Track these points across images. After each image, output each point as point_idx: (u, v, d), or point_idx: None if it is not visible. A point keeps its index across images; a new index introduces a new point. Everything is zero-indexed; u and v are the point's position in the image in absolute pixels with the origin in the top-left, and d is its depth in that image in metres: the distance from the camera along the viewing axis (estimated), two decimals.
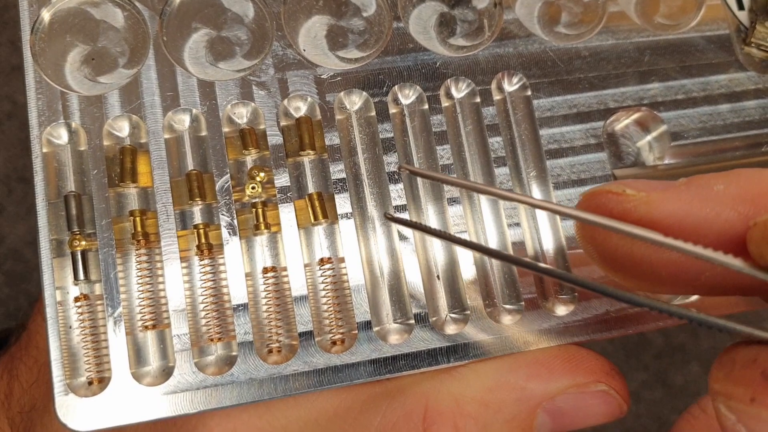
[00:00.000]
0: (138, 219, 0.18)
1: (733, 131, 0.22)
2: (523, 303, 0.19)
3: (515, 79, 0.21)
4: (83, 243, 0.18)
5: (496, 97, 0.21)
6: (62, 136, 0.19)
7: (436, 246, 0.19)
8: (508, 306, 0.19)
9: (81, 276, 0.18)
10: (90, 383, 0.17)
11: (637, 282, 0.15)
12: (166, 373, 0.18)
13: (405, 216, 0.19)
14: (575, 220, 0.14)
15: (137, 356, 0.18)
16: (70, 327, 0.18)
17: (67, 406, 0.17)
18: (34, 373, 0.24)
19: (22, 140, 0.53)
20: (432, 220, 0.20)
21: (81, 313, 0.18)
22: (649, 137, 0.21)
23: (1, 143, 0.53)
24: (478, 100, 0.20)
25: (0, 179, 0.51)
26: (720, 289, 0.14)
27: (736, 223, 0.13)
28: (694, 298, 0.20)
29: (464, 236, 0.19)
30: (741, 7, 0.23)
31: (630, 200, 0.14)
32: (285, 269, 0.19)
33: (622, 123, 0.21)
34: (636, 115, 0.21)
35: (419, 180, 0.20)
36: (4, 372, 0.25)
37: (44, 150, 0.19)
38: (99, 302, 0.18)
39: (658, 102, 0.21)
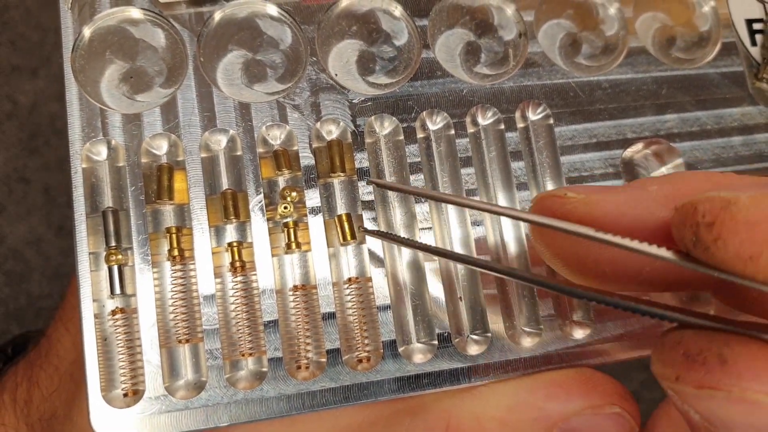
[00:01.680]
0: (174, 235, 0.19)
1: (745, 163, 0.23)
2: (542, 326, 0.20)
3: (539, 109, 0.22)
4: (120, 257, 0.19)
5: (520, 125, 0.22)
6: (101, 152, 0.20)
7: (459, 267, 0.21)
8: (527, 328, 0.21)
9: (117, 290, 0.19)
10: (125, 395, 0.18)
11: (585, 279, 0.16)
12: (199, 386, 0.19)
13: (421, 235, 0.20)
14: (525, 221, 0.16)
15: (171, 370, 0.19)
16: (105, 339, 0.19)
17: (102, 418, 0.18)
18: (55, 381, 0.24)
19: (22, 140, 0.53)
20: (455, 244, 0.21)
21: (116, 326, 0.19)
22: (665, 168, 0.23)
23: (1, 143, 0.53)
24: (502, 127, 0.22)
25: (0, 179, 0.52)
26: (663, 284, 0.16)
27: (669, 220, 0.14)
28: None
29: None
30: (754, 43, 0.25)
31: (571, 202, 0.15)
32: (314, 287, 0.20)
33: (640, 153, 0.22)
34: (653, 147, 0.22)
35: (444, 205, 0.21)
36: (24, 378, 0.25)
37: (83, 165, 0.19)
38: (134, 315, 0.19)
39: (673, 133, 0.22)
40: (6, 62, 0.50)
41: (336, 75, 0.21)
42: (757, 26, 0.25)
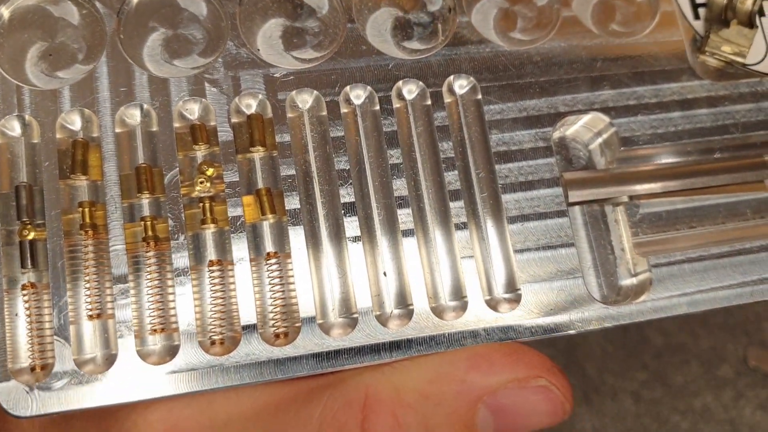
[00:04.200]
0: (86, 210, 0.20)
1: (685, 137, 0.23)
2: (467, 300, 0.21)
3: (466, 82, 0.23)
4: (33, 233, 0.20)
5: (447, 99, 0.23)
6: (15, 128, 0.21)
7: (383, 243, 0.21)
8: (452, 303, 0.21)
9: (28, 264, 0.20)
10: (32, 369, 0.19)
11: None
12: (108, 362, 0.19)
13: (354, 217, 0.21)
14: None
15: (80, 344, 0.20)
16: (16, 315, 0.19)
17: (8, 392, 0.19)
18: None
19: None
20: (383, 221, 0.22)
21: (27, 301, 0.19)
22: (599, 141, 0.23)
23: None
24: (429, 102, 0.22)
25: None
26: None
27: None
28: None
29: (412, 237, 0.21)
30: (697, 17, 0.25)
31: None
32: (231, 263, 0.20)
33: (572, 127, 0.23)
34: (585, 119, 0.23)
35: (369, 180, 0.22)
36: None
37: None
38: (45, 291, 0.20)
39: (609, 107, 0.23)
40: None
41: (259, 50, 0.22)
42: (700, 0, 0.25)
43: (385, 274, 0.21)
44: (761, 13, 0.26)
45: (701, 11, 0.25)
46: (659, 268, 0.22)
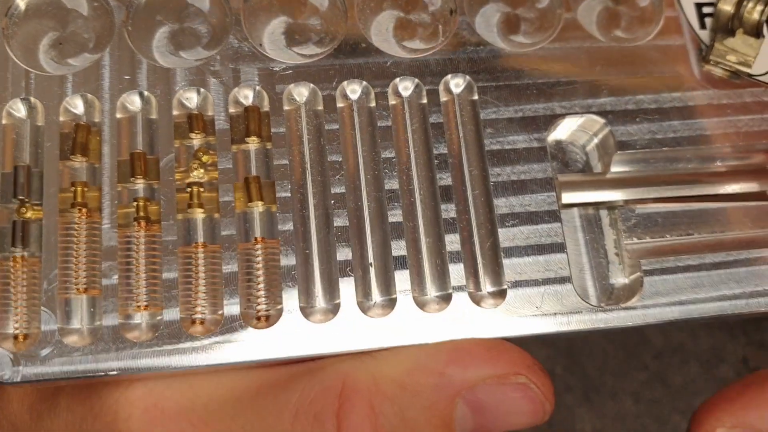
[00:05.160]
0: (80, 189, 0.21)
1: (684, 144, 0.24)
2: (451, 293, 0.21)
3: (462, 81, 0.23)
4: (30, 212, 0.21)
5: (444, 98, 0.23)
6: (21, 110, 0.22)
7: (369, 233, 0.22)
8: (436, 295, 0.21)
9: (19, 243, 0.21)
10: (16, 337, 0.20)
11: None
12: (92, 335, 0.20)
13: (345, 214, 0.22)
14: None
15: (67, 317, 0.20)
16: (7, 284, 0.20)
17: None
18: None
19: None
20: (372, 213, 0.22)
21: (15, 272, 0.20)
22: (594, 144, 0.24)
23: None
24: (425, 100, 0.23)
25: None
26: None
27: None
28: None
29: (400, 230, 0.22)
30: (703, 26, 0.26)
31: None
32: (219, 246, 0.21)
33: (568, 129, 0.24)
34: (580, 121, 0.23)
35: (362, 173, 0.22)
36: None
37: (3, 122, 0.22)
38: (36, 265, 0.21)
39: (607, 110, 0.23)
40: None
41: (260, 45, 0.23)
42: (707, 10, 0.26)
43: (371, 265, 0.22)
44: None
45: (707, 21, 0.26)
46: (652, 274, 0.22)
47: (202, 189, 0.22)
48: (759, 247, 0.23)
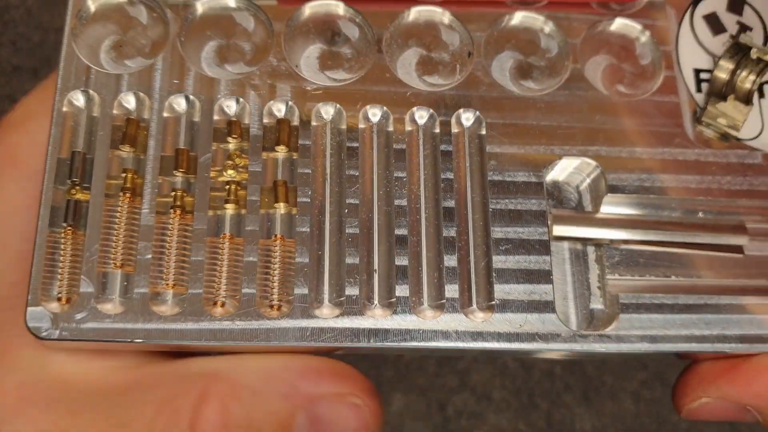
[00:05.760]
0: (130, 176, 0.24)
1: (670, 194, 0.26)
2: (444, 303, 0.24)
3: (473, 116, 0.26)
4: (79, 194, 0.24)
5: (455, 129, 0.26)
6: (81, 100, 0.25)
7: (376, 242, 0.25)
8: (431, 304, 0.24)
9: (70, 219, 0.24)
10: (59, 300, 0.23)
11: None
12: (125, 306, 0.23)
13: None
14: None
15: (102, 287, 0.23)
16: (54, 251, 0.23)
17: (37, 316, 0.22)
18: None
19: None
20: (381, 225, 0.25)
21: (64, 243, 0.23)
22: (587, 185, 0.26)
23: None
24: (438, 129, 0.26)
25: None
26: None
27: None
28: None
29: (405, 243, 0.25)
30: (699, 90, 0.29)
31: None
32: (242, 240, 0.24)
33: (564, 169, 0.26)
34: (577, 163, 0.26)
35: (375, 188, 0.25)
36: None
37: (65, 109, 0.25)
38: (81, 240, 0.24)
39: (601, 156, 0.26)
40: (7, 63, 0.55)
41: (297, 66, 0.27)
42: (704, 75, 0.29)
43: (376, 270, 0.24)
44: (761, 93, 0.29)
45: (704, 85, 0.29)
46: (629, 308, 0.25)
47: (238, 187, 0.25)
48: (729, 295, 0.26)
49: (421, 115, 0.26)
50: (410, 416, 0.39)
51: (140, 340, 0.23)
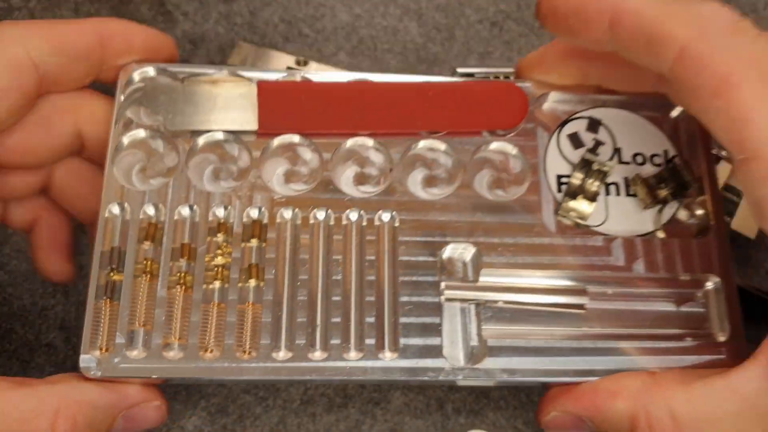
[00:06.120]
0: (149, 262, 0.36)
1: (532, 268, 0.37)
2: (364, 347, 0.35)
3: (389, 215, 0.37)
4: (116, 275, 0.36)
5: (377, 223, 0.37)
6: (116, 210, 0.37)
7: (319, 305, 0.36)
8: (357, 347, 0.35)
9: (109, 294, 0.35)
10: (100, 349, 0.34)
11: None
12: (144, 352, 0.34)
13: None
14: None
15: (130, 340, 0.35)
16: (98, 316, 0.35)
17: (87, 360, 0.34)
18: None
19: None
20: (323, 292, 0.36)
21: (104, 310, 0.35)
22: (470, 261, 0.37)
23: None
24: (365, 224, 0.37)
25: None
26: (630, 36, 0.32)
27: None
28: None
29: (339, 304, 0.36)
30: (559, 190, 0.40)
31: None
32: (226, 305, 0.35)
33: (453, 250, 0.37)
34: (462, 246, 0.37)
35: (320, 266, 0.36)
36: None
37: (106, 215, 0.37)
38: (116, 307, 0.35)
39: (480, 242, 0.37)
40: None
41: (269, 182, 0.38)
42: (564, 180, 0.40)
43: (318, 326, 0.36)
44: (607, 191, 0.40)
45: (563, 187, 0.40)
46: (499, 349, 0.36)
47: (223, 268, 0.36)
48: (574, 339, 0.36)
49: (354, 215, 0.38)
50: (410, 414, 0.43)
51: (156, 376, 0.34)
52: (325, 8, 0.54)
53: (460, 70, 0.41)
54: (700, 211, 0.40)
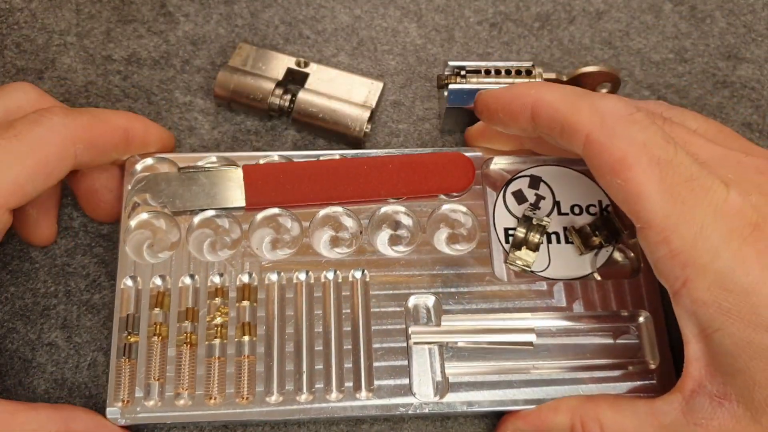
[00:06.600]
0: (159, 325, 0.42)
1: (484, 312, 0.44)
2: (344, 389, 0.41)
3: (361, 273, 0.44)
4: (133, 338, 0.42)
5: (351, 280, 0.44)
6: (130, 283, 0.44)
7: (304, 355, 0.42)
8: (336, 389, 0.42)
9: (127, 354, 0.42)
10: (123, 401, 0.41)
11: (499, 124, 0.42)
12: (160, 402, 0.41)
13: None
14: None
15: (147, 392, 0.41)
16: (120, 373, 0.41)
17: (112, 412, 0.40)
18: None
19: None
20: (307, 343, 0.43)
21: (124, 368, 0.42)
22: (432, 308, 0.44)
23: None
24: (341, 280, 0.44)
25: None
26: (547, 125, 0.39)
27: None
28: None
29: (321, 352, 0.42)
30: (507, 241, 0.46)
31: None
32: (225, 358, 0.42)
33: (417, 300, 0.44)
34: (424, 296, 0.44)
35: (304, 320, 0.43)
36: None
37: (121, 287, 0.43)
38: (134, 365, 0.42)
39: (440, 292, 0.44)
40: (11, 65, 0.54)
41: (257, 249, 0.45)
42: (510, 231, 0.46)
43: (304, 372, 0.42)
44: (549, 240, 0.46)
45: (510, 239, 0.46)
46: (459, 384, 0.42)
47: (222, 327, 0.43)
48: (524, 372, 0.43)
49: (331, 274, 0.44)
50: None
51: (170, 422, 0.41)
52: (325, 10, 0.54)
53: (451, 63, 0.48)
54: (632, 254, 0.46)
